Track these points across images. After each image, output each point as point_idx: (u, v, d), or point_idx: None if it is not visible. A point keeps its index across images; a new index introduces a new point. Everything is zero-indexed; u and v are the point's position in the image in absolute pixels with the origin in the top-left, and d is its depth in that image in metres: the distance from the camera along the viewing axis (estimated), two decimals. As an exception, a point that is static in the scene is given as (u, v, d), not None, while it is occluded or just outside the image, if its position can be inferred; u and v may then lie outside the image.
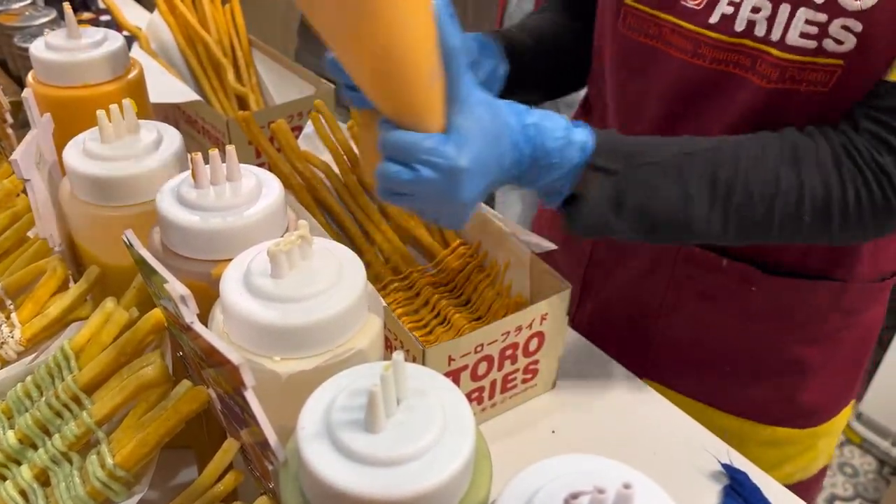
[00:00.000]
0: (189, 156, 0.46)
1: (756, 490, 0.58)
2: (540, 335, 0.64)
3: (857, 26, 0.55)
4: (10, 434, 0.45)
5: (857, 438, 1.77)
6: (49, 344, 0.53)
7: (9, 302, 0.53)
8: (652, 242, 0.61)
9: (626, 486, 0.28)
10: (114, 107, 0.50)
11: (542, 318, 0.63)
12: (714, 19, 0.60)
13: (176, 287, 0.36)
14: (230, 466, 0.44)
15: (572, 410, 0.67)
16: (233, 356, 0.32)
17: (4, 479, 0.45)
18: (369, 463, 0.32)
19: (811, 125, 0.60)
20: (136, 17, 1.11)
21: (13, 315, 0.52)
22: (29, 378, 0.48)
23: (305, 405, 0.34)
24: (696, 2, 0.61)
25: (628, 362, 0.73)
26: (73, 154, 0.51)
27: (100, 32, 0.65)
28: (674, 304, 0.75)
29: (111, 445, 0.43)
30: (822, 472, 0.86)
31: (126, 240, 0.41)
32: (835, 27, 0.56)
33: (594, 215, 0.57)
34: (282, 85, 1.01)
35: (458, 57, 0.49)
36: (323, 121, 0.75)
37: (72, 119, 0.60)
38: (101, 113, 0.50)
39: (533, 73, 0.72)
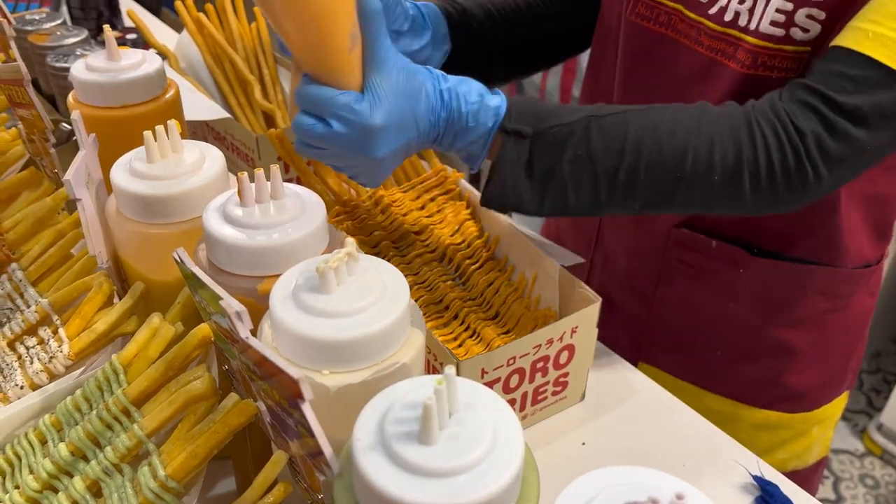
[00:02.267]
0: (236, 175, 0.47)
1: (788, 503, 0.59)
2: (570, 348, 0.65)
3: (821, 14, 0.59)
4: (62, 446, 0.47)
5: (877, 450, 1.76)
6: (95, 358, 0.54)
7: (55, 317, 0.55)
8: (564, 214, 0.61)
9: (680, 497, 0.28)
10: (159, 127, 0.52)
11: (573, 331, 0.64)
12: (713, 10, 0.65)
13: (231, 303, 0.37)
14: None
15: (601, 422, 0.68)
16: (291, 370, 0.33)
17: (56, 490, 0.47)
18: (424, 474, 0.33)
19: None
20: (162, 36, 1.13)
21: (60, 330, 0.53)
22: (78, 391, 0.49)
23: (359, 418, 0.35)
24: None
25: (625, 344, 0.75)
26: (120, 173, 0.52)
27: (138, 54, 0.67)
28: (666, 285, 0.78)
29: (162, 457, 0.44)
30: (819, 466, 0.87)
31: (177, 257, 0.43)
32: (800, 16, 0.60)
33: (507, 180, 0.58)
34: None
35: (376, 20, 0.52)
36: (352, 137, 0.76)
37: (112, 139, 0.61)
38: (147, 133, 0.51)
39: (482, 51, 0.75)
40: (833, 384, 0.83)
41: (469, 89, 0.58)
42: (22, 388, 0.51)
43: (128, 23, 1.35)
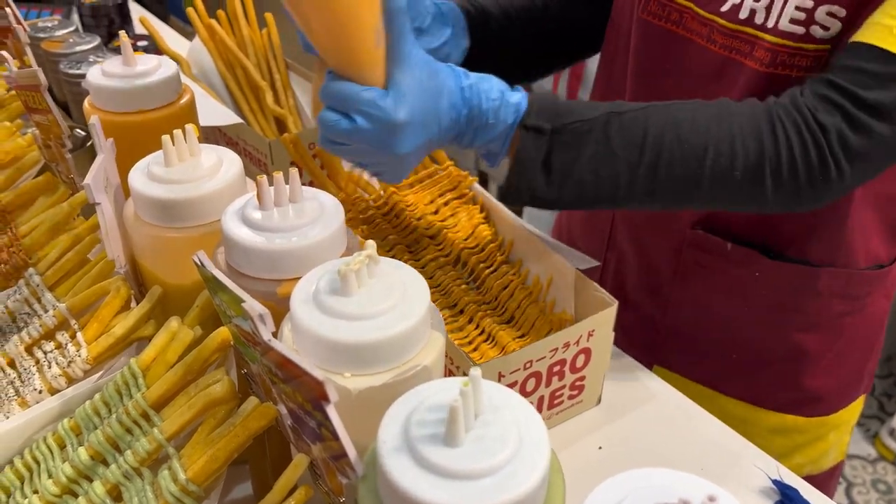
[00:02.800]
0: (256, 178, 0.47)
1: (808, 506, 0.58)
2: (587, 351, 0.64)
3: (842, 12, 0.59)
4: (82, 450, 0.46)
5: (889, 455, 1.75)
6: (113, 363, 0.54)
7: (73, 322, 0.55)
8: (582, 207, 0.62)
9: (712, 500, 0.28)
10: (177, 131, 0.52)
11: (589, 335, 0.63)
12: (725, 7, 0.64)
13: (254, 306, 0.37)
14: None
15: (618, 426, 0.68)
16: (316, 372, 0.33)
17: (75, 495, 0.47)
18: (450, 476, 0.33)
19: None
20: (172, 43, 1.14)
21: (79, 335, 0.53)
22: (97, 396, 0.49)
23: (384, 420, 0.35)
24: None
25: (639, 347, 0.75)
26: (138, 177, 0.52)
27: (154, 59, 0.67)
28: (681, 287, 0.78)
29: (182, 461, 0.44)
30: (835, 472, 0.87)
31: (197, 260, 0.43)
32: (821, 13, 0.60)
33: (526, 176, 0.59)
34: (318, 107, 1.02)
35: (400, 17, 0.52)
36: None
37: (127, 144, 0.61)
38: (165, 137, 0.51)
39: (501, 49, 0.75)
40: (850, 388, 0.82)
41: (490, 86, 0.58)
42: (41, 392, 0.51)
43: (138, 30, 1.36)
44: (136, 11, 1.42)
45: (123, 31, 0.67)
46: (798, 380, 0.79)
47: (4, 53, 0.67)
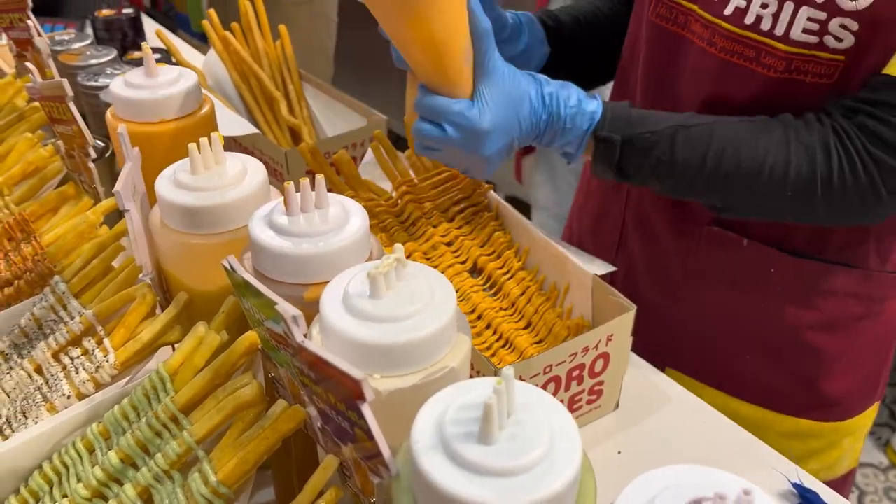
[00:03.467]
0: (283, 184, 0.48)
1: (829, 508, 0.59)
2: (605, 356, 0.65)
3: (854, 25, 0.60)
4: (112, 454, 0.47)
5: (902, 463, 1.74)
6: (139, 368, 0.55)
7: (99, 328, 0.55)
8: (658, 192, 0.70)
9: (747, 493, 0.29)
10: (203, 140, 0.53)
11: (608, 339, 0.64)
12: (728, 10, 0.65)
13: (287, 308, 0.38)
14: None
15: (636, 430, 0.68)
16: (354, 371, 0.34)
17: (105, 498, 0.47)
18: (485, 473, 0.33)
19: (810, 113, 0.65)
20: (186, 56, 1.15)
21: (105, 340, 0.54)
22: (125, 400, 0.50)
23: (417, 419, 0.36)
24: None
25: (651, 349, 0.75)
26: (165, 185, 0.53)
27: (175, 70, 0.68)
28: (695, 286, 0.78)
29: (212, 463, 0.44)
30: (848, 479, 0.87)
31: (227, 264, 0.43)
32: (834, 25, 0.61)
33: (601, 175, 0.68)
34: (332, 116, 1.04)
35: (486, 38, 0.59)
36: (382, 151, 0.77)
37: (149, 153, 0.62)
38: (192, 145, 0.52)
39: (574, 54, 0.80)
40: (865, 393, 0.82)
41: (569, 94, 0.64)
42: (69, 397, 0.52)
43: (151, 43, 1.37)
44: (148, 25, 1.43)
45: (145, 43, 0.68)
46: (813, 383, 0.79)
47: (29, 65, 0.68)
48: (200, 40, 2.25)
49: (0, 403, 0.55)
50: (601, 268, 0.69)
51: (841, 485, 0.86)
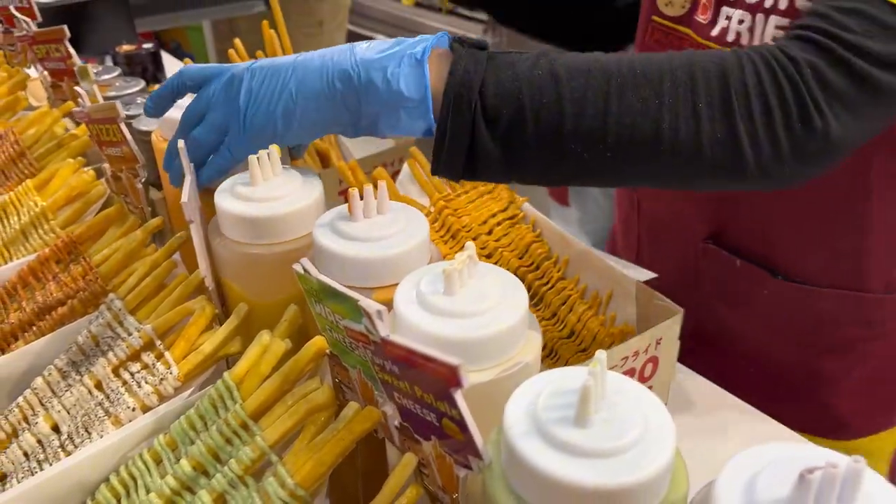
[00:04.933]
0: (348, 191, 0.49)
1: None
2: (654, 360, 0.65)
3: None
4: (184, 462, 0.47)
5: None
6: (201, 379, 0.55)
7: (159, 342, 0.56)
8: (533, 169, 0.52)
9: (857, 461, 0.29)
10: (262, 152, 0.54)
11: (657, 343, 0.64)
12: (715, 31, 0.65)
13: (370, 304, 0.38)
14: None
15: (683, 434, 0.67)
16: (448, 359, 0.34)
17: (177, 507, 0.47)
18: (583, 454, 0.33)
19: None
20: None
21: (166, 354, 0.54)
22: (191, 410, 0.50)
23: (507, 408, 0.36)
24: (705, 16, 0.66)
25: None
26: (225, 197, 0.54)
27: (218, 91, 0.70)
28: (698, 297, 0.77)
29: (287, 467, 0.45)
30: None
31: (301, 267, 0.44)
32: None
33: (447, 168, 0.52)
34: (358, 139, 1.05)
35: None
36: (419, 166, 0.78)
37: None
38: (252, 158, 0.53)
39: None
40: (882, 413, 0.80)
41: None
42: (134, 410, 0.52)
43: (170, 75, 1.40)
44: (168, 59, 1.46)
45: (188, 59, 0.69)
46: (820, 400, 0.77)
47: (79, 89, 0.70)
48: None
49: (60, 420, 0.55)
50: (644, 274, 0.70)
51: None
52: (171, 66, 1.51)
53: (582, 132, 0.49)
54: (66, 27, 0.82)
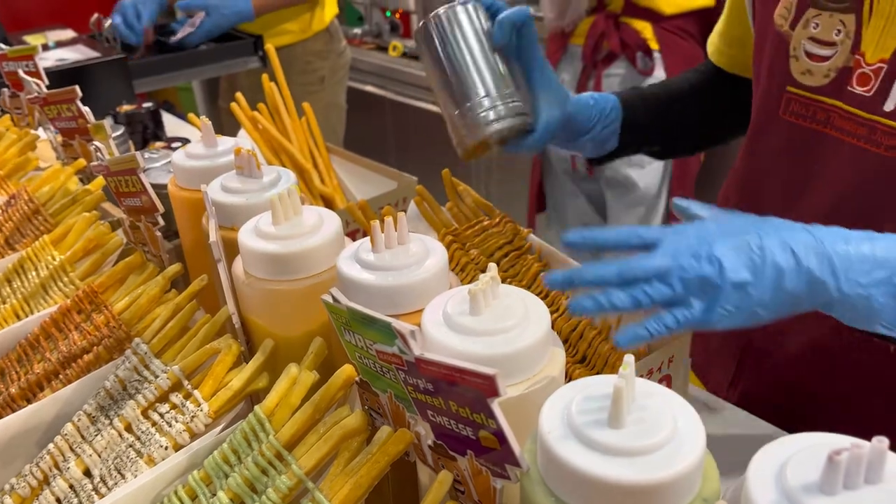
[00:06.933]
0: (370, 223, 0.51)
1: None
2: (667, 378, 0.67)
3: None
4: (222, 494, 0.48)
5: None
6: (230, 416, 0.56)
7: (186, 382, 0.57)
8: None
9: (880, 441, 0.31)
10: (283, 192, 0.56)
11: (669, 361, 0.66)
12: (890, 106, 0.58)
13: (403, 325, 0.40)
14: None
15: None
16: (484, 369, 0.36)
17: (214, 540, 0.48)
18: (618, 454, 0.35)
19: None
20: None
21: (195, 392, 0.56)
22: (224, 445, 0.51)
23: (542, 415, 0.38)
24: (866, 88, 0.59)
25: (718, 377, 0.74)
26: (249, 236, 0.56)
27: (230, 141, 0.72)
28: (831, 392, 0.71)
29: (324, 493, 0.46)
30: None
31: (330, 297, 0.46)
32: None
33: None
34: (360, 183, 1.08)
35: None
36: (425, 204, 0.81)
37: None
38: (274, 198, 0.55)
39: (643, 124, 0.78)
40: None
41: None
42: (167, 448, 0.53)
43: (169, 132, 1.43)
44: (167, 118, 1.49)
45: (204, 117, 0.72)
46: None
47: (98, 143, 0.72)
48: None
49: (92, 464, 0.56)
50: (650, 296, 0.72)
51: None
52: (171, 124, 1.54)
53: None
54: (77, 87, 0.85)
